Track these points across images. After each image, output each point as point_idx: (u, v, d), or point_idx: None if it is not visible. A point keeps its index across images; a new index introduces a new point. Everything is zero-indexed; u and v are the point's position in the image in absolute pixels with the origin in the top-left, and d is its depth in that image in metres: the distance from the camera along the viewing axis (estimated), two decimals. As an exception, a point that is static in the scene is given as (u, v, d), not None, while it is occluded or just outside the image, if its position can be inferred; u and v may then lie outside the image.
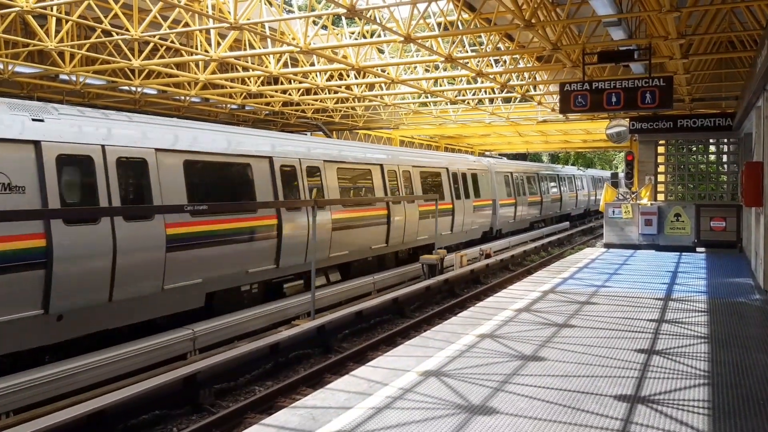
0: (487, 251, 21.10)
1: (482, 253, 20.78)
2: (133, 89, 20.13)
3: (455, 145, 41.12)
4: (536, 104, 24.14)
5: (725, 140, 20.75)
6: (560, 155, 62.53)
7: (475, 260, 19.79)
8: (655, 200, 20.13)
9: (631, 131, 21.37)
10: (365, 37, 15.40)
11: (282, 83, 19.54)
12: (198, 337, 9.92)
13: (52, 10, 11.94)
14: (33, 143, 8.14)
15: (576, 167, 50.44)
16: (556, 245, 27.77)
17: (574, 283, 12.07)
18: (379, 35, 15.17)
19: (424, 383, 6.15)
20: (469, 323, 8.79)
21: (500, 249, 23.28)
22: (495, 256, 20.79)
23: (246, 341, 10.20)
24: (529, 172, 30.36)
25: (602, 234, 19.78)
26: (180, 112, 23.29)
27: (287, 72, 16.50)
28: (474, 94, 23.04)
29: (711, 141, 21.27)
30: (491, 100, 24.93)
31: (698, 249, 17.40)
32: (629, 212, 18.12)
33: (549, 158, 64.21)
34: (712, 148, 21.77)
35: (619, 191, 21.36)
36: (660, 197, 21.11)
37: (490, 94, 23.14)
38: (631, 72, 15.39)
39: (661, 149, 21.49)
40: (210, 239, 10.51)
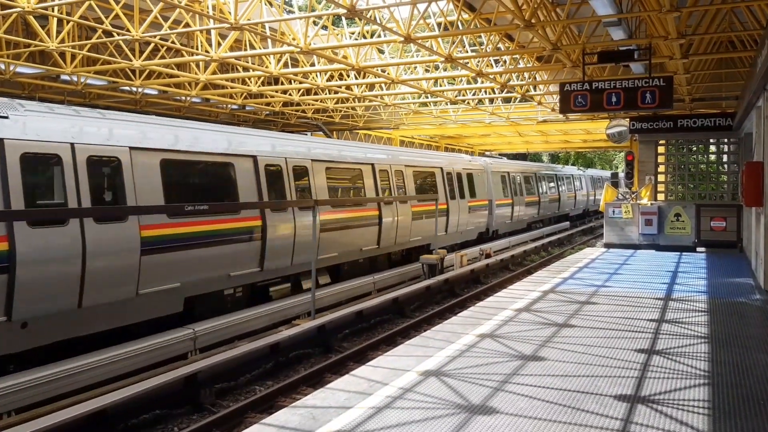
0: (487, 251, 21.11)
1: (482, 253, 20.78)
2: (134, 90, 20.14)
3: (455, 145, 41.07)
4: (536, 104, 24.12)
5: (725, 140, 20.72)
6: (560, 155, 62.54)
7: (475, 260, 19.79)
8: (656, 200, 20.12)
9: (631, 131, 21.37)
10: (365, 38, 15.42)
11: (282, 83, 19.56)
12: (198, 337, 9.93)
13: (54, 11, 11.98)
14: None
15: (575, 167, 50.35)
16: (556, 245, 27.75)
17: (575, 283, 12.07)
18: (379, 35, 15.19)
19: (424, 383, 6.15)
20: (469, 323, 8.79)
21: (500, 249, 23.26)
22: (495, 256, 20.79)
23: (246, 341, 10.21)
24: (527, 172, 30.00)
25: (602, 234, 19.79)
26: (181, 113, 23.32)
27: (287, 72, 16.52)
28: (474, 94, 23.03)
29: (711, 141, 21.24)
30: (491, 100, 24.92)
31: (698, 249, 17.40)
32: (629, 212, 18.12)
33: (549, 158, 64.20)
34: (713, 148, 21.75)
35: (620, 191, 21.37)
36: (660, 197, 21.10)
37: (490, 94, 23.13)
38: (631, 72, 15.40)
39: (662, 149, 21.47)
40: (189, 241, 10.08)
